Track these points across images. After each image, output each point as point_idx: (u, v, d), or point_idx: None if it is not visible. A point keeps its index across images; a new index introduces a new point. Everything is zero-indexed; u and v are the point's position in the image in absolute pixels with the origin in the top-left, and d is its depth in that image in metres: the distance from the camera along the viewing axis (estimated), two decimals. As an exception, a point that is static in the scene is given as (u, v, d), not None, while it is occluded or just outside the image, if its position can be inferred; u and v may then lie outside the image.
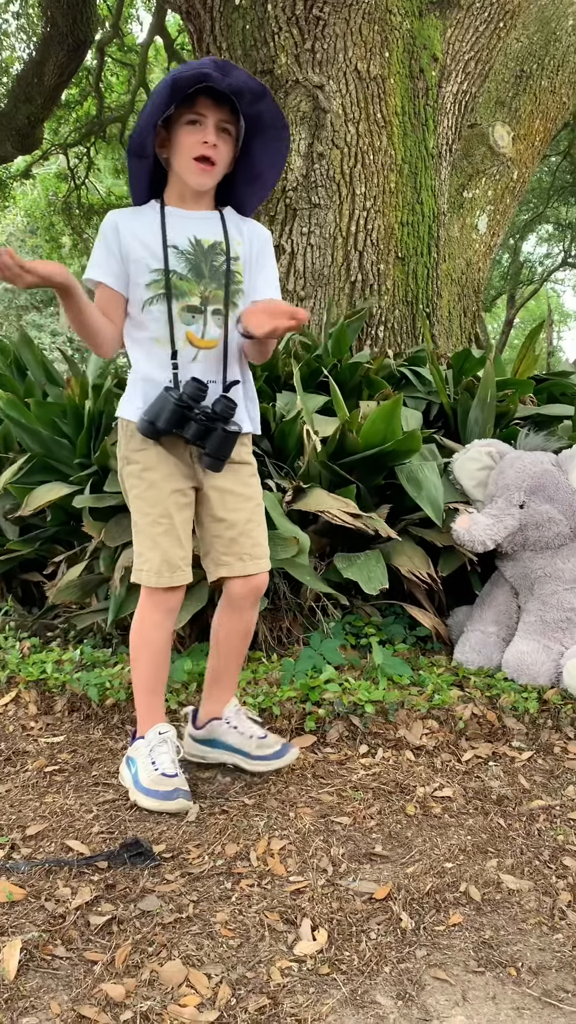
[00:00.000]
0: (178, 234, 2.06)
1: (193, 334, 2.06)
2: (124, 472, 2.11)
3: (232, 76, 1.97)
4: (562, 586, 2.75)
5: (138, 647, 2.13)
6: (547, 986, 1.46)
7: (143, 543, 2.08)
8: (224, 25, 4.07)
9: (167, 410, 1.99)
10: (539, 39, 5.08)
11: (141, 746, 2.13)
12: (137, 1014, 1.36)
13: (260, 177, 2.16)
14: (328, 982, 1.45)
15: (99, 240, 2.08)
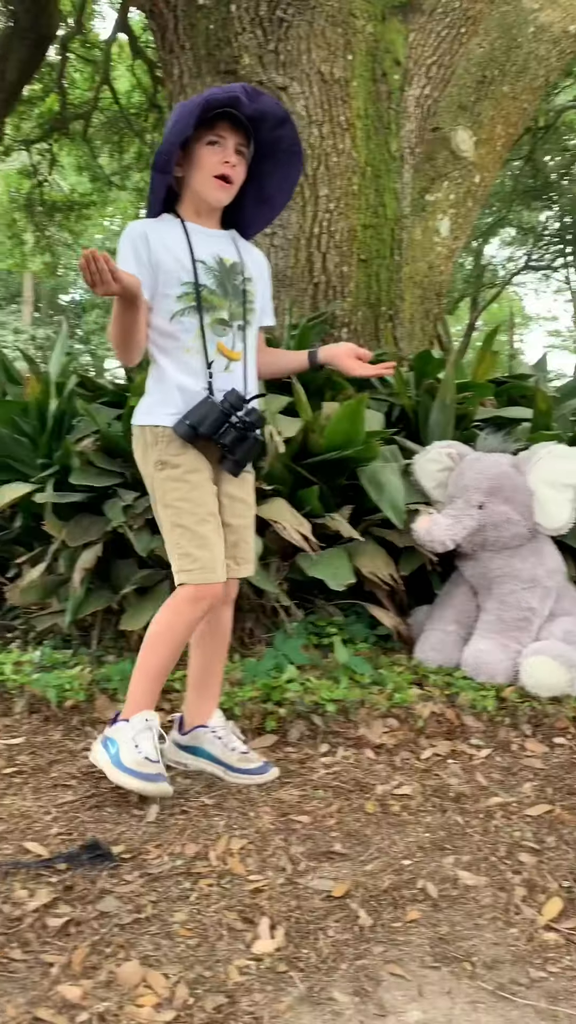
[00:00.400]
0: (203, 250, 2.15)
1: (224, 345, 2.16)
2: (160, 476, 2.12)
3: (259, 101, 2.13)
4: (520, 586, 2.79)
5: (164, 639, 2.12)
6: (501, 980, 1.48)
7: (191, 542, 2.09)
8: (187, 24, 4.06)
9: (212, 417, 2.06)
10: (501, 45, 5.14)
11: (124, 728, 2.11)
12: (94, 1016, 1.36)
13: (269, 200, 2.29)
14: (286, 980, 1.46)
15: (127, 248, 2.10)
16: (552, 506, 2.81)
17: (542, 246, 17.94)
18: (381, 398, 3.59)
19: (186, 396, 2.11)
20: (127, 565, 2.98)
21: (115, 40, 9.76)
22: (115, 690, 2.64)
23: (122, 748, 2.08)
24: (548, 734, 2.54)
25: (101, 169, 12.16)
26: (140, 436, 2.17)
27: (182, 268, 2.10)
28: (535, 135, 11.74)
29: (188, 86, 4.17)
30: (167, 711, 2.59)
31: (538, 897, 1.72)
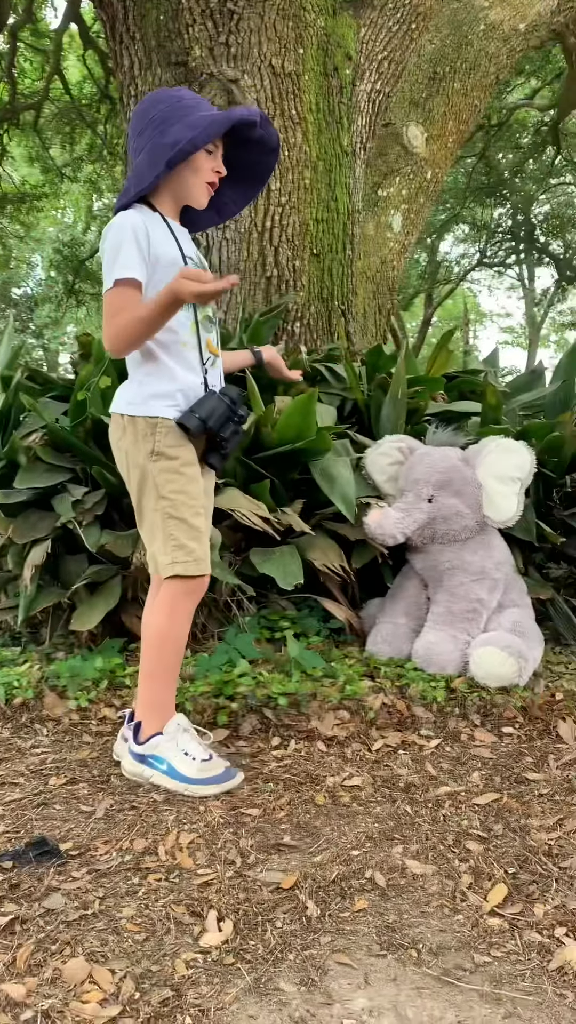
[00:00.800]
0: (187, 248, 2.20)
1: (211, 341, 2.22)
2: (156, 468, 2.11)
3: (267, 130, 2.25)
4: (469, 578, 2.82)
5: (166, 639, 2.15)
6: (447, 966, 1.50)
7: (187, 534, 2.12)
8: (137, 15, 4.02)
9: (219, 411, 2.12)
10: (452, 42, 5.18)
11: (163, 742, 2.14)
12: (38, 1013, 1.35)
13: (222, 210, 2.38)
14: (233, 972, 1.47)
15: (129, 240, 2.07)
16: (500, 499, 2.85)
17: (495, 243, 18.13)
18: (333, 392, 3.60)
19: (187, 390, 2.14)
20: (77, 561, 2.95)
21: (66, 29, 9.63)
22: (64, 687, 2.61)
23: (175, 762, 2.12)
24: (497, 724, 2.58)
25: (52, 160, 11.99)
26: (131, 426, 2.13)
27: (175, 264, 2.13)
28: (488, 132, 11.85)
29: (139, 77, 4.13)
30: (117, 707, 2.58)
31: (484, 884, 1.75)
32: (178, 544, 2.12)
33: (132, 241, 2.07)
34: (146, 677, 2.17)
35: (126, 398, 2.17)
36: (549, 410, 3.72)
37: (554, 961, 1.49)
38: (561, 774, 2.26)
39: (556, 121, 10.30)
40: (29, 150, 12.41)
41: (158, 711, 2.17)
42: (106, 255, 2.09)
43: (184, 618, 2.16)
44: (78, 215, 16.73)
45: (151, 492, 2.13)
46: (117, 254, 2.06)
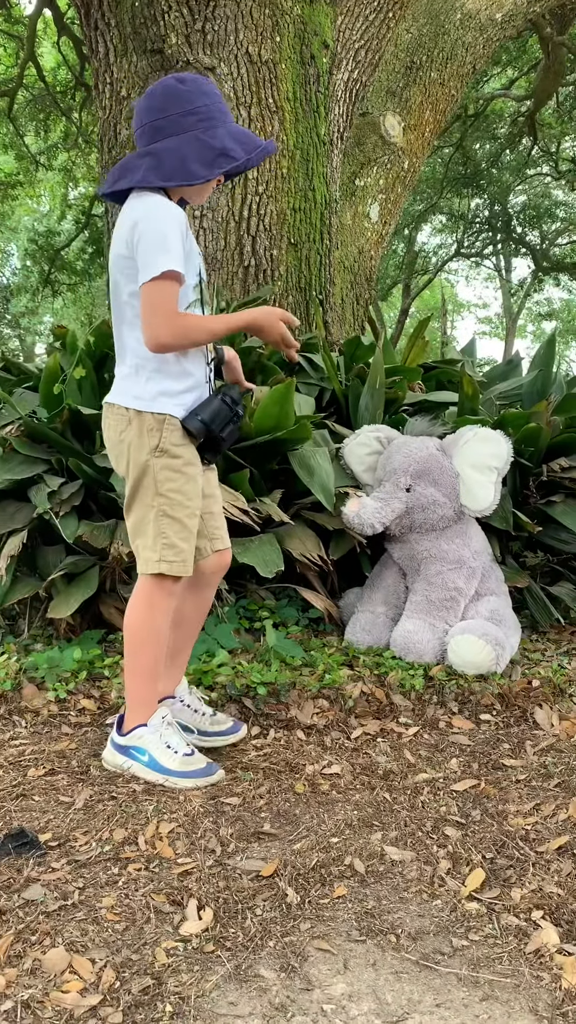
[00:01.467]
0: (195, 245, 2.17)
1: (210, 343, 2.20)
2: (158, 464, 2.09)
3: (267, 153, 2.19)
4: (446, 567, 2.84)
5: (146, 635, 2.14)
6: (425, 950, 1.52)
7: (178, 534, 2.11)
8: (112, 1, 3.98)
9: (222, 414, 2.13)
10: (428, 31, 5.18)
11: (147, 734, 2.15)
12: (18, 1003, 1.34)
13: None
14: (213, 959, 1.47)
15: (173, 232, 2.01)
16: (477, 488, 2.86)
17: (472, 234, 18.17)
18: (312, 382, 3.60)
19: (195, 389, 2.15)
20: (54, 552, 2.94)
21: (40, 15, 9.52)
22: (42, 679, 2.60)
23: (156, 754, 2.13)
24: (474, 711, 2.60)
25: (27, 148, 11.86)
26: (136, 420, 2.09)
27: (199, 262, 2.14)
28: (464, 123, 11.86)
29: (114, 64, 4.10)
30: (96, 698, 2.57)
31: (462, 869, 1.76)
32: (168, 543, 2.10)
33: (176, 235, 2.01)
34: (129, 671, 2.17)
35: (133, 392, 2.11)
36: (526, 400, 3.74)
37: (531, 944, 1.51)
38: (538, 760, 2.28)
39: (532, 111, 10.33)
40: (3, 137, 12.28)
41: (142, 704, 2.17)
42: (150, 239, 1.99)
43: (163, 614, 2.15)
44: (53, 203, 16.56)
45: (149, 488, 2.11)
46: (165, 242, 1.99)
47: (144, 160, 2.06)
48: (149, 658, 2.15)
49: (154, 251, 1.99)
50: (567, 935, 1.53)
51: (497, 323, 28.26)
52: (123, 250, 2.05)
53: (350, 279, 4.87)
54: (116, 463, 2.18)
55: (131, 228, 2.02)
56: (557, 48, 8.37)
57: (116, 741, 2.19)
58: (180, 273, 2.01)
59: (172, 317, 2.01)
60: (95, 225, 12.96)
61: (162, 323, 2.00)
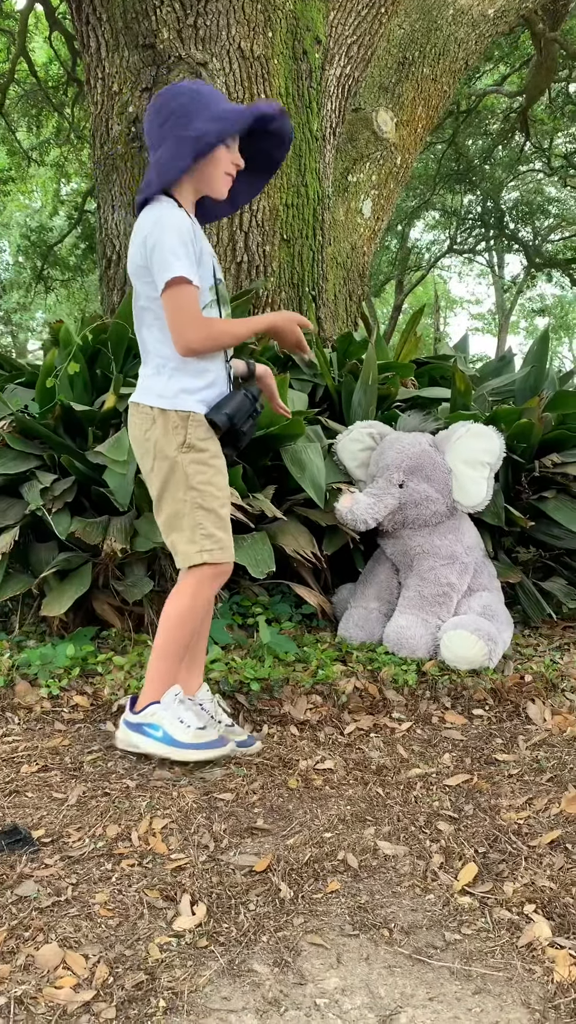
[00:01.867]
0: (208, 246, 2.22)
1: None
2: (187, 459, 2.16)
3: (284, 123, 2.26)
4: (439, 562, 2.84)
5: (186, 620, 2.21)
6: (418, 944, 1.52)
7: (215, 524, 2.19)
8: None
9: (244, 408, 2.19)
10: (421, 27, 5.17)
11: (160, 710, 2.20)
12: (11, 999, 1.34)
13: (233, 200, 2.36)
14: (206, 954, 1.47)
15: (180, 240, 2.09)
16: (470, 484, 2.87)
17: (465, 230, 18.17)
18: (305, 379, 3.60)
19: (215, 385, 2.20)
20: (47, 548, 2.93)
21: (31, 10, 9.47)
22: (35, 675, 2.60)
23: (170, 728, 2.18)
24: (467, 706, 2.60)
25: (19, 143, 11.81)
26: (161, 418, 2.16)
27: (210, 263, 2.19)
28: (457, 119, 11.86)
29: (106, 59, 4.08)
30: (89, 695, 2.57)
31: (455, 863, 1.77)
32: (207, 533, 2.18)
33: (186, 244, 2.10)
34: (159, 654, 2.23)
35: (156, 391, 2.18)
36: (518, 396, 3.75)
37: (523, 937, 1.52)
38: (530, 754, 2.29)
39: (525, 107, 10.33)
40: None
41: (160, 682, 2.23)
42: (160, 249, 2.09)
43: (205, 602, 2.23)
44: (46, 199, 16.50)
45: (180, 483, 2.17)
46: (173, 250, 2.08)
47: (149, 173, 2.19)
48: (183, 639, 2.23)
49: (165, 260, 2.09)
50: (559, 928, 1.54)
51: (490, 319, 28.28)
52: (138, 259, 2.16)
53: (343, 275, 4.87)
54: (141, 461, 2.25)
55: (143, 239, 2.14)
56: (549, 44, 8.37)
57: (129, 720, 2.24)
58: (187, 278, 2.08)
59: (198, 322, 2.11)
60: (88, 221, 12.91)
61: (189, 328, 2.10)
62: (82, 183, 14.01)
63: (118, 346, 3.27)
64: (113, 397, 2.97)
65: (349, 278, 4.91)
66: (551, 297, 25.60)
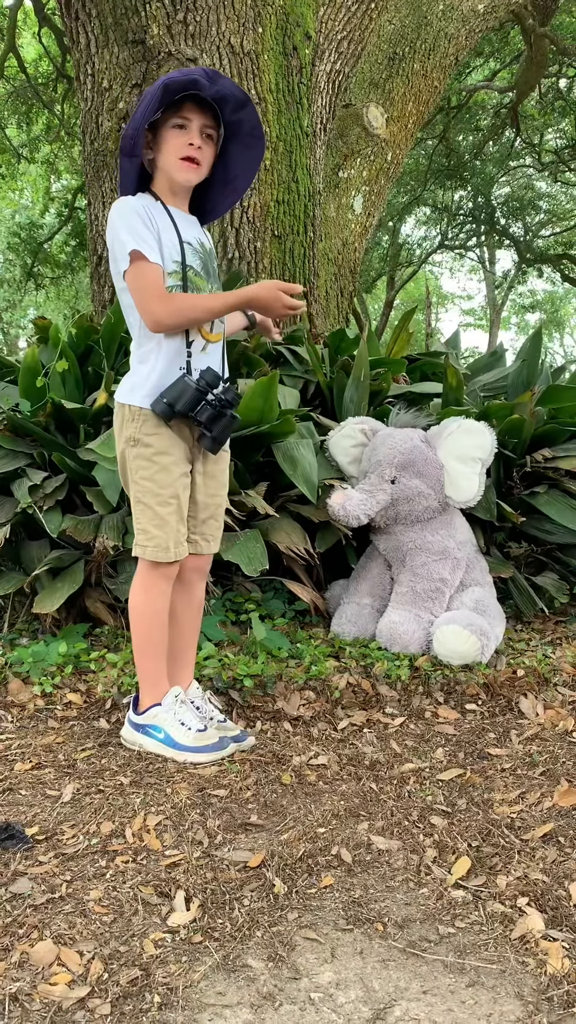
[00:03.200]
0: (186, 232, 2.20)
1: (204, 327, 2.21)
2: (131, 454, 2.20)
3: (219, 84, 2.15)
4: (431, 558, 2.85)
5: (145, 617, 2.23)
6: (412, 938, 1.53)
7: (151, 521, 2.19)
8: (93, -9, 3.95)
9: (187, 394, 2.12)
10: (411, 23, 5.17)
11: (161, 712, 2.23)
12: (6, 996, 1.35)
13: (233, 182, 2.32)
14: (201, 950, 1.48)
15: (135, 220, 2.12)
16: (462, 479, 2.87)
17: (456, 226, 18.18)
18: (297, 375, 3.60)
19: (164, 377, 2.17)
20: (39, 546, 2.93)
21: (20, 6, 9.43)
22: (28, 673, 2.60)
23: (171, 731, 2.21)
24: (460, 701, 2.61)
25: (8, 140, 11.76)
26: (119, 412, 2.23)
27: (173, 247, 2.16)
28: (447, 114, 11.85)
29: (95, 55, 4.07)
30: (82, 692, 2.57)
31: (448, 857, 1.78)
32: (142, 528, 2.21)
33: (140, 224, 2.12)
34: (136, 653, 2.27)
35: (123, 386, 2.24)
36: (510, 391, 3.75)
37: (516, 930, 1.53)
38: (523, 749, 2.30)
39: (515, 103, 10.34)
40: (-16, 129, 12.16)
41: (153, 684, 2.26)
42: (113, 235, 2.14)
43: (158, 596, 2.23)
44: (36, 196, 16.44)
45: (128, 477, 2.23)
46: (128, 230, 2.10)
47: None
48: (152, 636, 2.24)
49: (119, 241, 2.12)
50: (552, 921, 1.55)
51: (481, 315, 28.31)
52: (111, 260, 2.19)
53: (334, 271, 4.87)
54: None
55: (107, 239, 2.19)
56: (539, 40, 8.37)
57: (133, 720, 2.28)
58: (144, 253, 2.09)
59: (161, 294, 2.11)
60: (78, 218, 12.87)
61: (153, 302, 2.11)
62: (72, 180, 13.96)
63: (110, 343, 3.27)
64: (104, 394, 2.97)
65: (340, 274, 4.91)
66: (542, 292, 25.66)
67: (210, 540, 2.35)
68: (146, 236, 2.11)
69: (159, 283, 2.11)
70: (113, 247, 2.15)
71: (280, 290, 2.18)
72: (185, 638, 2.38)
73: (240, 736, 2.30)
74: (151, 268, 2.11)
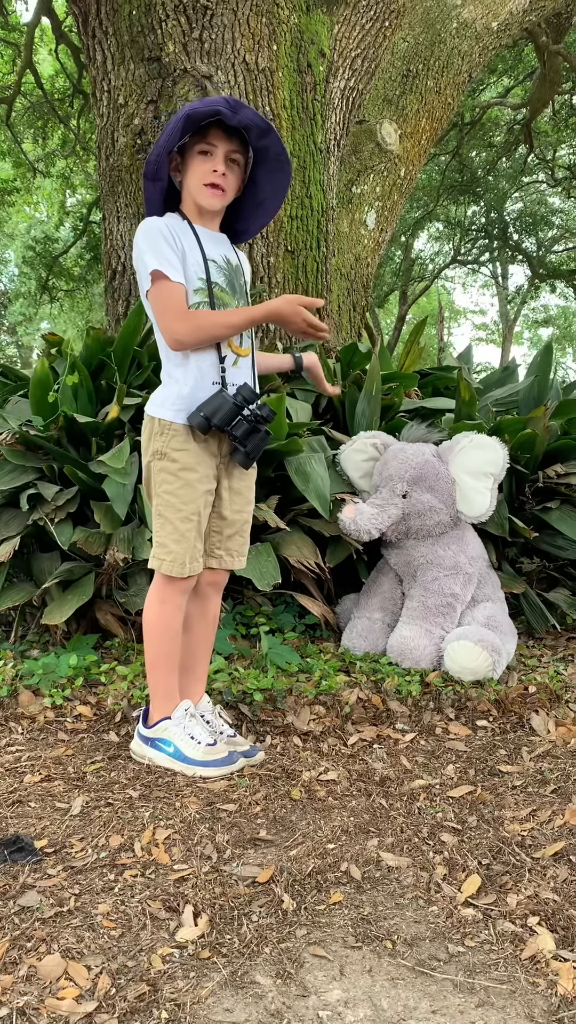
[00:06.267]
0: (211, 250, 2.23)
1: (234, 342, 2.24)
2: (156, 467, 2.22)
3: (241, 113, 2.17)
4: (443, 572, 2.84)
5: (158, 630, 2.24)
6: (421, 956, 1.51)
7: (170, 536, 2.20)
8: (110, 9, 4.00)
9: (224, 409, 2.14)
10: (425, 40, 5.20)
11: (171, 726, 2.24)
12: (14, 1010, 1.34)
13: (263, 204, 2.35)
14: (209, 966, 1.47)
15: (159, 241, 2.16)
16: (473, 494, 2.87)
17: (469, 241, 18.22)
18: (309, 389, 3.61)
19: (195, 391, 2.19)
20: (49, 558, 2.94)
21: (38, 24, 9.54)
22: (38, 685, 2.60)
23: (181, 745, 2.21)
24: (471, 717, 2.60)
25: (25, 155, 11.88)
26: (148, 424, 2.25)
27: (197, 265, 2.19)
28: (461, 130, 11.90)
29: (112, 72, 4.11)
30: (92, 704, 2.57)
31: (458, 875, 1.76)
32: (160, 542, 2.22)
33: (164, 243, 2.15)
34: (148, 666, 2.28)
35: (154, 399, 2.26)
36: (522, 406, 3.75)
37: (527, 950, 1.51)
38: (534, 766, 2.28)
39: (528, 119, 10.37)
40: (1, 144, 12.29)
41: (163, 697, 2.26)
42: (136, 255, 2.19)
43: (172, 609, 2.24)
44: (51, 210, 16.58)
45: (151, 489, 2.26)
46: (152, 250, 2.15)
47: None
48: (164, 649, 2.25)
49: (141, 261, 2.17)
50: (563, 941, 1.53)
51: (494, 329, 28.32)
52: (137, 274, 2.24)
53: (347, 286, 4.88)
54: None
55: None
56: (553, 57, 8.40)
57: (143, 733, 2.28)
58: (167, 273, 2.13)
59: (182, 313, 2.14)
60: (92, 232, 12.97)
61: (173, 320, 2.14)
62: (87, 194, 14.08)
63: (122, 356, 3.28)
64: (116, 408, 2.98)
65: (353, 289, 4.93)
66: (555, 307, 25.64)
67: (235, 556, 2.35)
68: (169, 256, 2.14)
69: (180, 302, 2.14)
70: (138, 267, 2.20)
71: (301, 304, 2.20)
72: (198, 651, 2.38)
73: (250, 751, 2.30)
74: (172, 287, 2.14)
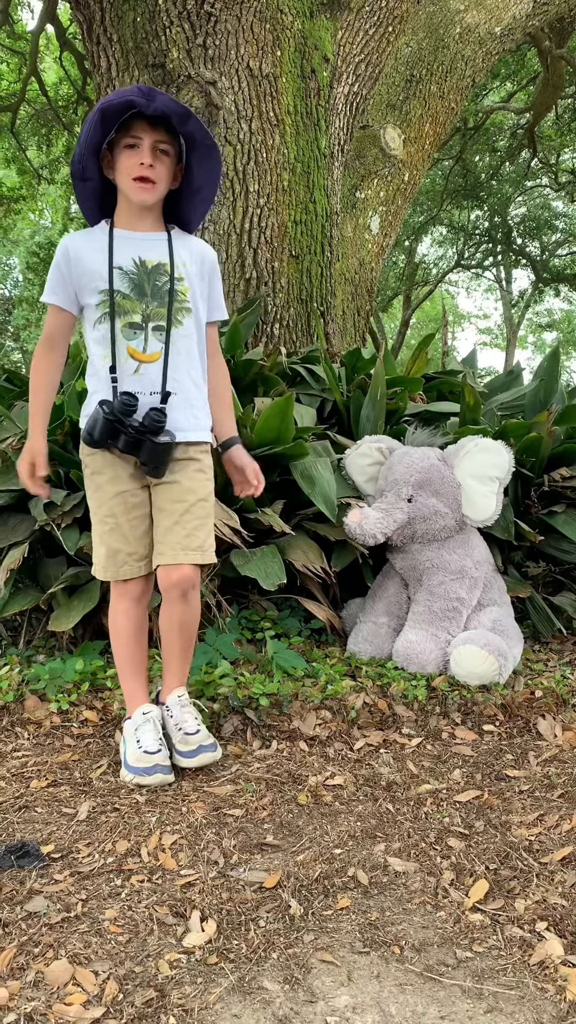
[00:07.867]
0: (124, 255, 2.20)
1: (134, 348, 2.20)
2: (84, 475, 2.29)
3: (157, 100, 2.10)
4: (449, 577, 2.84)
5: (111, 635, 2.32)
6: (429, 962, 1.51)
7: (95, 539, 2.28)
8: (114, 16, 4.01)
9: (100, 424, 2.14)
10: (428, 45, 5.21)
11: (128, 726, 2.26)
12: (21, 1016, 1.34)
13: (200, 192, 2.30)
14: (216, 971, 1.47)
15: (53, 266, 2.25)
16: (479, 498, 2.86)
17: (472, 245, 18.23)
18: (313, 393, 3.61)
19: (91, 402, 2.23)
20: (56, 564, 2.94)
21: (42, 31, 9.59)
22: (44, 690, 2.60)
23: (127, 746, 2.22)
24: (477, 722, 2.59)
25: (29, 162, 11.93)
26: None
27: (99, 277, 2.19)
28: (464, 135, 11.92)
29: (116, 79, 4.13)
30: (99, 709, 2.57)
31: (466, 880, 1.76)
32: (94, 546, 2.30)
33: (55, 268, 2.23)
34: (116, 668, 2.35)
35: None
36: (527, 410, 3.75)
37: (535, 955, 1.51)
38: (541, 770, 2.27)
39: (531, 124, 10.38)
40: (5, 152, 12.34)
41: (128, 699, 2.31)
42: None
43: (117, 614, 2.29)
44: (55, 217, 16.63)
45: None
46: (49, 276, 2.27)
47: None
48: (119, 654, 2.32)
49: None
50: (571, 946, 1.53)
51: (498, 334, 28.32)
52: None
53: (351, 291, 4.89)
54: None
55: None
56: (556, 61, 8.42)
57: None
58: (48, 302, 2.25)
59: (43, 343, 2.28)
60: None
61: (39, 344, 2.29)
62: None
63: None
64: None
65: (357, 294, 4.93)
66: (559, 312, 25.64)
67: (177, 550, 2.16)
68: (54, 286, 2.23)
69: (48, 332, 2.26)
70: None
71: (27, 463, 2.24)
72: (168, 653, 2.31)
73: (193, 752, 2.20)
74: (48, 316, 2.27)
